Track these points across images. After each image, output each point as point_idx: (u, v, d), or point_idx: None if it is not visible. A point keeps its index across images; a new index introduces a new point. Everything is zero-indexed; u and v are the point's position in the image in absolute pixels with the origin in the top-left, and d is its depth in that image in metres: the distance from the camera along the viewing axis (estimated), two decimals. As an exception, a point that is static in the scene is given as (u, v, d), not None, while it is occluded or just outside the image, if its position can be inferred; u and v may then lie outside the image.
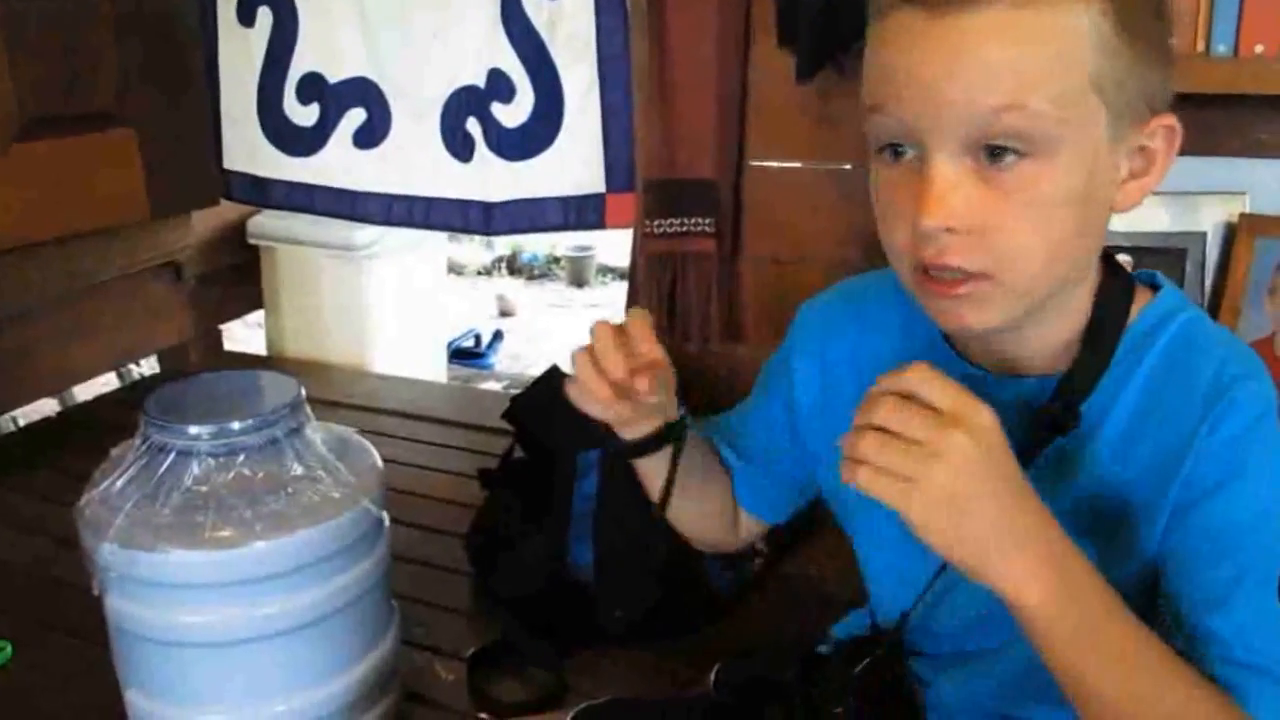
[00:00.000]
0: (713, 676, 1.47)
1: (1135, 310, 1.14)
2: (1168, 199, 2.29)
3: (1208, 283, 2.28)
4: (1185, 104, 2.18)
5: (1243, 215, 2.24)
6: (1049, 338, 1.14)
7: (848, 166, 2.52)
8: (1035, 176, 1.01)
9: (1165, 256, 2.27)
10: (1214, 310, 2.23)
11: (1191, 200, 2.29)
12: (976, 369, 1.20)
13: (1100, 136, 1.02)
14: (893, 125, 1.05)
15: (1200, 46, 2.02)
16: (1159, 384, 1.10)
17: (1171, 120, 1.07)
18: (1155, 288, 1.17)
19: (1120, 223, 2.29)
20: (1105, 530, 1.11)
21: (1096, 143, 1.02)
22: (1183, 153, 2.24)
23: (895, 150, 1.07)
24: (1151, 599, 1.09)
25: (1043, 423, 1.11)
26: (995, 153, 1.01)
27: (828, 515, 1.41)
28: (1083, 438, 1.11)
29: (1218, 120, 2.24)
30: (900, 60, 1.03)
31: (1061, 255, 1.05)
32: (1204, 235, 2.28)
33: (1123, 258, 2.26)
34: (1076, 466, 1.12)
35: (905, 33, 1.02)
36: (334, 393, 3.36)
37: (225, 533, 1.53)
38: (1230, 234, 2.25)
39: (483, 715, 1.94)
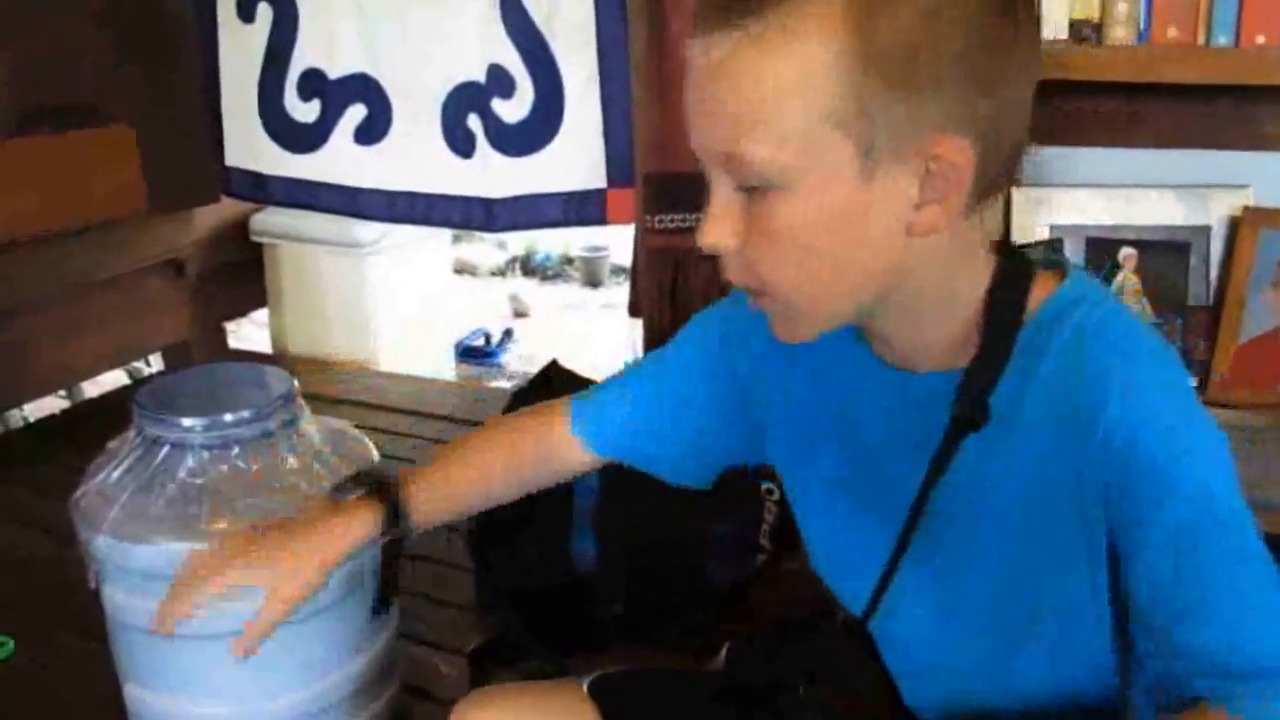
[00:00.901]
0: (724, 654, 1.47)
1: (1037, 300, 1.12)
2: (1172, 192, 2.29)
3: (1212, 276, 2.27)
4: (1188, 96, 2.19)
5: (1247, 209, 2.23)
6: (939, 334, 1.14)
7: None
8: (778, 209, 1.03)
9: (1170, 250, 2.27)
10: (1219, 304, 2.22)
11: (1196, 193, 2.28)
12: (880, 363, 1.21)
13: (847, 169, 1.01)
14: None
15: (1201, 38, 2.01)
16: (1061, 377, 1.08)
17: (952, 144, 1.01)
18: (1063, 275, 1.16)
19: (1124, 216, 2.30)
20: (1037, 523, 1.11)
21: (843, 175, 1.01)
22: (1186, 146, 2.26)
23: None
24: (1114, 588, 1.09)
25: (955, 420, 1.12)
26: (747, 185, 1.03)
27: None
28: (998, 432, 1.10)
29: (1221, 112, 2.23)
30: None
31: (830, 280, 1.07)
32: (1209, 229, 2.27)
33: (1126, 252, 2.28)
34: (998, 461, 1.12)
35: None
36: (337, 390, 3.36)
37: (220, 525, 1.53)
38: (1235, 227, 2.24)
39: (483, 710, 1.93)
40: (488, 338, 6.26)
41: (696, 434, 1.41)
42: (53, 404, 3.80)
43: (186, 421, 1.57)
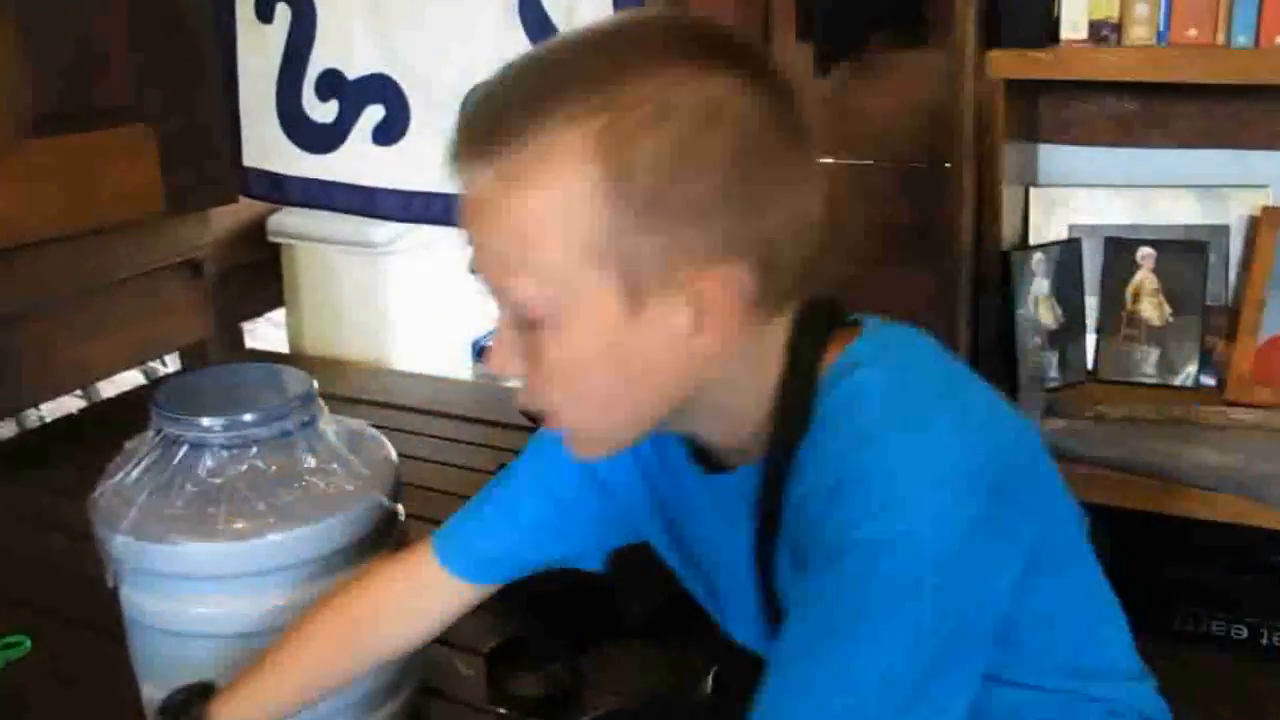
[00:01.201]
0: (710, 677, 1.47)
1: (827, 366, 1.08)
2: (1191, 192, 2.28)
3: (1231, 276, 2.26)
4: (1207, 96, 2.19)
5: (1266, 208, 2.22)
6: (746, 432, 1.11)
7: (868, 161, 2.51)
8: (547, 345, 1.02)
9: (1189, 250, 2.26)
10: (1238, 303, 2.21)
11: (1215, 193, 2.28)
12: (693, 466, 1.20)
13: (613, 306, 0.99)
14: None
15: (1220, 38, 2.00)
16: (824, 445, 1.04)
17: (722, 272, 0.99)
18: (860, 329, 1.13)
19: (1143, 216, 2.30)
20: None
21: (610, 311, 1.00)
22: (1206, 145, 2.26)
23: None
24: None
25: (758, 533, 1.11)
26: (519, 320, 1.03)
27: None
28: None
29: (1240, 112, 2.23)
30: None
31: (610, 412, 1.07)
32: (1227, 228, 2.27)
33: (1145, 252, 2.27)
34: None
35: None
36: (353, 389, 3.36)
37: (238, 524, 1.53)
38: (1254, 227, 2.23)
39: (501, 710, 1.93)
40: (504, 337, 6.25)
41: (582, 526, 1.41)
42: (69, 404, 3.80)
43: (205, 421, 1.57)
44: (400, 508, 1.71)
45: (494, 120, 0.99)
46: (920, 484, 0.97)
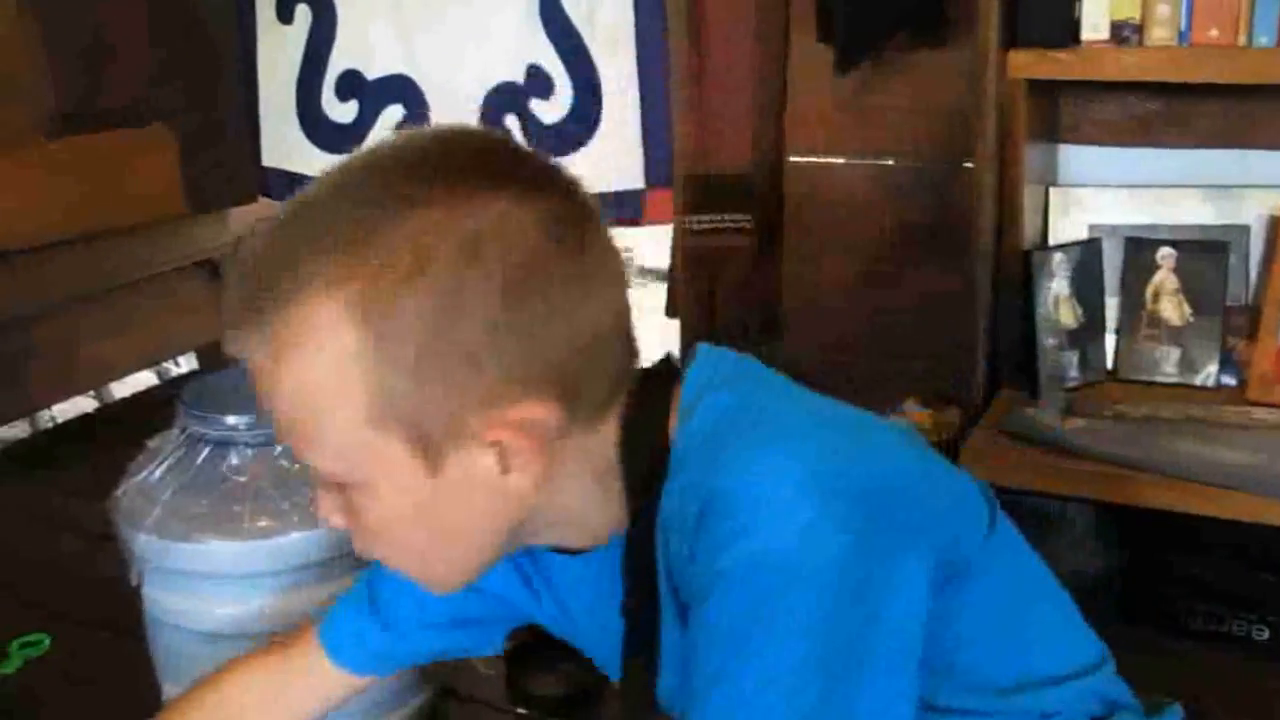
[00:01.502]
0: None
1: (671, 426, 1.05)
2: (1211, 192, 2.28)
3: (1252, 276, 2.26)
4: (1228, 96, 2.19)
5: (1285, 208, 2.22)
6: (591, 527, 1.10)
7: (889, 162, 2.51)
8: (362, 506, 1.02)
9: (1209, 250, 2.26)
10: (1258, 303, 2.21)
11: (1234, 193, 2.27)
12: (550, 552, 1.19)
13: (409, 466, 0.97)
14: None
15: (1242, 39, 2.00)
16: (678, 494, 1.01)
17: (521, 411, 0.97)
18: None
19: (1163, 216, 2.29)
20: None
21: (407, 472, 0.98)
22: (1226, 145, 2.26)
23: None
24: None
25: (626, 617, 1.10)
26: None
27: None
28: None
29: (1260, 112, 2.23)
30: None
31: (441, 557, 1.07)
32: (1247, 229, 2.26)
33: (1165, 252, 2.27)
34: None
35: None
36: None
37: (262, 523, 1.54)
38: (1274, 227, 2.23)
39: (520, 710, 1.93)
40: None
41: (474, 626, 1.40)
42: (82, 404, 3.80)
43: (230, 419, 1.57)
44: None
45: (257, 285, 0.96)
46: (782, 497, 0.94)
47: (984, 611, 1.08)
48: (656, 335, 1.65)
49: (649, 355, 1.12)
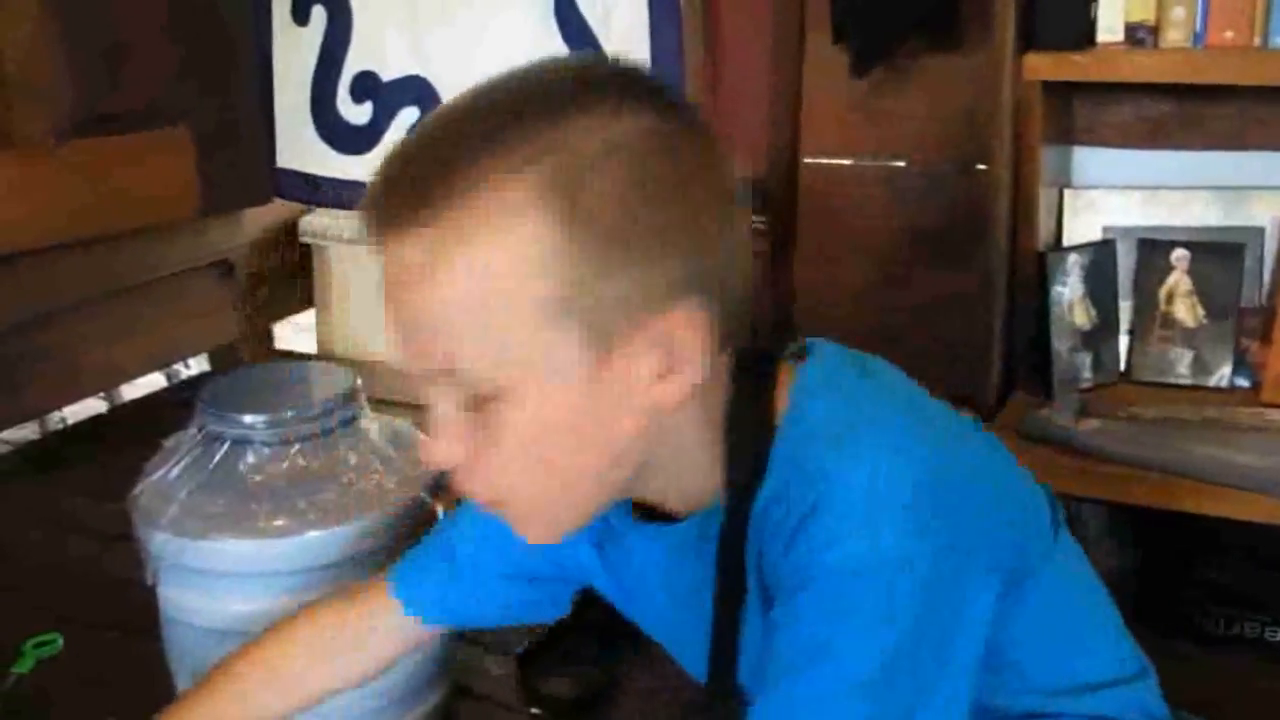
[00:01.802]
0: None
1: (780, 404, 1.05)
2: (1224, 194, 2.28)
3: (1266, 278, 2.26)
4: (1242, 98, 2.19)
5: (1300, 210, 2.22)
6: (697, 482, 1.09)
7: (901, 163, 2.51)
8: (506, 420, 0.97)
9: (1223, 252, 2.26)
10: (1272, 306, 2.21)
11: (1248, 195, 2.28)
12: (636, 521, 1.17)
13: (579, 362, 0.95)
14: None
15: (1257, 40, 2.00)
16: (783, 490, 1.01)
17: (686, 309, 0.96)
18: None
19: (1177, 218, 2.29)
20: None
21: (575, 370, 0.95)
22: (1240, 147, 2.26)
23: None
24: None
25: (717, 598, 1.09)
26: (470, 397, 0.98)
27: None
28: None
29: (1274, 114, 2.24)
30: None
31: (572, 478, 1.03)
32: (1261, 230, 2.27)
33: (1179, 254, 2.27)
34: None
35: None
36: (384, 391, 3.35)
37: (279, 522, 1.54)
38: (1289, 229, 2.23)
39: (533, 710, 1.93)
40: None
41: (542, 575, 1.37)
42: (92, 405, 3.81)
43: (247, 419, 1.58)
44: (441, 507, 1.71)
45: (424, 180, 0.94)
46: (884, 510, 0.95)
47: (1040, 614, 1.10)
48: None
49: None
